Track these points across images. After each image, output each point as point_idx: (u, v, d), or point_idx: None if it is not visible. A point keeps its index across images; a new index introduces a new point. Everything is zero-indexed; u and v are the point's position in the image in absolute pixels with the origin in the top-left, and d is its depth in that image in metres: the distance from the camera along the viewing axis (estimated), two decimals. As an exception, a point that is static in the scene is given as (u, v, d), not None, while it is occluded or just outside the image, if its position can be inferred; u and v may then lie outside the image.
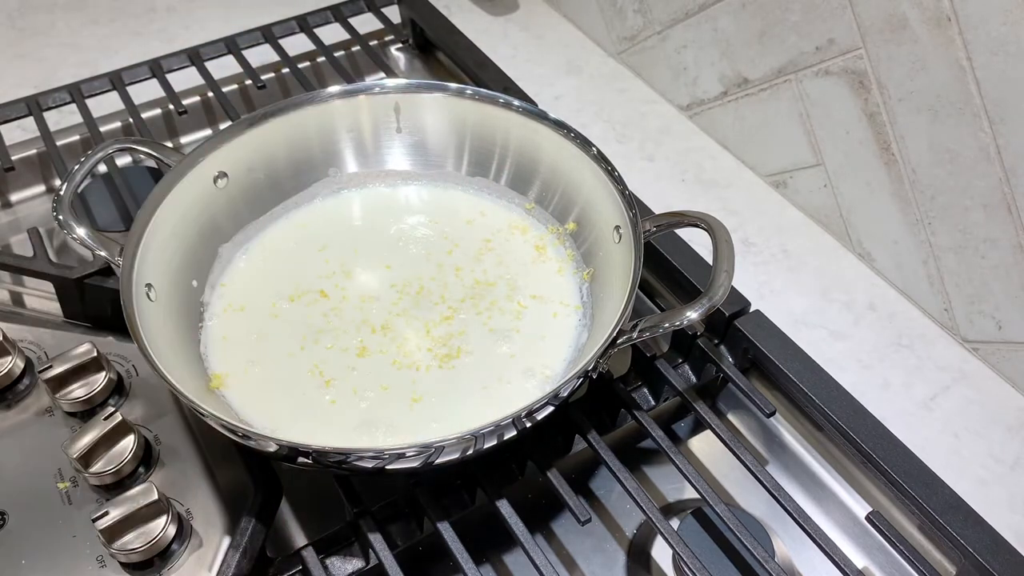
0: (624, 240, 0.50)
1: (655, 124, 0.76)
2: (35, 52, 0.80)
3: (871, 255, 0.64)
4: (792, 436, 0.55)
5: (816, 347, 0.55)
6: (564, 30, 0.86)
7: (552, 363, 0.50)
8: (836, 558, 0.45)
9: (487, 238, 0.57)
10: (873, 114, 0.59)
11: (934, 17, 0.52)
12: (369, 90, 0.57)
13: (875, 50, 0.57)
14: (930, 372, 0.58)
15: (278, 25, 0.77)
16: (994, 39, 0.50)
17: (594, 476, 0.53)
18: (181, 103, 0.70)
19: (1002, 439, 0.55)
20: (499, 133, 0.57)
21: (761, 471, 0.47)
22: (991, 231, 0.54)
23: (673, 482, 0.53)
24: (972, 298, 0.58)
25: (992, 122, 0.52)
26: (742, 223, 0.67)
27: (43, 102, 0.69)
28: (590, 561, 0.50)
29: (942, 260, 0.59)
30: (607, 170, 0.52)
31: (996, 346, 0.57)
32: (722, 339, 0.56)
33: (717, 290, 0.45)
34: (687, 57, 0.73)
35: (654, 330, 0.46)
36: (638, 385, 0.55)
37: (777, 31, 0.64)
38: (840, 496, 0.52)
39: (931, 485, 0.47)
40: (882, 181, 0.60)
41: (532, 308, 0.53)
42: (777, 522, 0.50)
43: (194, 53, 0.74)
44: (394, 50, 0.84)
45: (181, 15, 0.84)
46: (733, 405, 0.57)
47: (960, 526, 0.46)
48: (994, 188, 0.53)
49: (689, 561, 0.44)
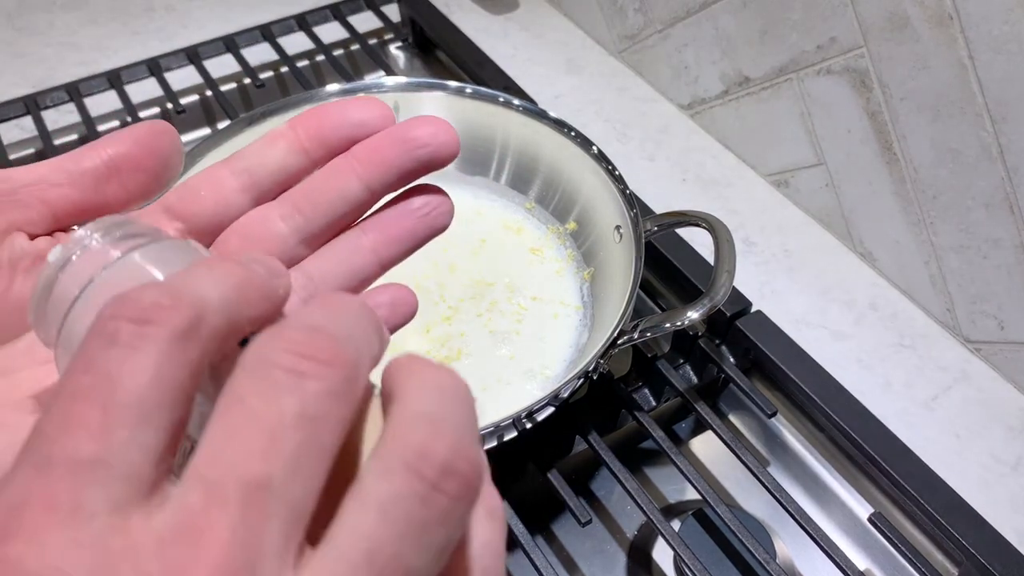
0: (625, 240, 0.50)
1: (656, 123, 0.76)
2: (33, 51, 0.79)
3: (873, 255, 0.64)
4: (793, 437, 0.55)
5: (817, 347, 0.55)
6: (564, 29, 0.85)
7: (552, 364, 0.50)
8: (838, 559, 0.44)
9: (482, 238, 0.57)
10: (875, 113, 0.59)
11: (936, 16, 0.52)
12: (368, 89, 0.57)
13: (877, 49, 0.57)
14: (932, 372, 0.58)
15: (277, 24, 0.77)
16: (996, 38, 0.49)
17: (595, 477, 0.53)
18: (179, 102, 0.70)
19: (1004, 439, 0.55)
20: (499, 132, 0.57)
21: (762, 472, 0.47)
22: (993, 231, 0.54)
23: (674, 483, 0.53)
24: (974, 298, 0.57)
25: (994, 121, 0.51)
26: (743, 223, 0.67)
27: (41, 101, 0.69)
28: (590, 562, 0.49)
29: (944, 260, 0.58)
30: (607, 169, 0.52)
31: (998, 346, 0.57)
32: (723, 339, 0.55)
33: (718, 290, 0.45)
34: (688, 56, 0.73)
35: (655, 330, 0.46)
36: (639, 385, 0.55)
37: (778, 30, 0.64)
38: (841, 497, 0.52)
39: (932, 486, 0.47)
40: (884, 181, 0.60)
41: (532, 309, 0.53)
42: (778, 523, 0.50)
43: (192, 52, 0.73)
44: (393, 49, 0.83)
45: (180, 14, 0.84)
46: (734, 406, 0.57)
47: (962, 527, 0.46)
48: (996, 188, 0.53)
49: (690, 562, 0.44)
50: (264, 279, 0.20)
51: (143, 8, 0.84)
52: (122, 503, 0.15)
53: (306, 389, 0.16)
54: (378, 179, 0.25)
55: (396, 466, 0.16)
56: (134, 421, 0.16)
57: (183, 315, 0.17)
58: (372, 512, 0.16)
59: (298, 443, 0.16)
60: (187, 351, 0.17)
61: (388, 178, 0.25)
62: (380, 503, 0.16)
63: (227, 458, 0.15)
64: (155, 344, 0.16)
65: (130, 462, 0.15)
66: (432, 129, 0.25)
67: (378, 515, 0.16)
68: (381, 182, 0.25)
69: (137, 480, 0.15)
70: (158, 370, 0.16)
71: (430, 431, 0.17)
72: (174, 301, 0.17)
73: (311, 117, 0.26)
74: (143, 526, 0.15)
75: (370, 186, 0.25)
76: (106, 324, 0.16)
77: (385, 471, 0.16)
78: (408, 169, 0.25)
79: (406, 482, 0.16)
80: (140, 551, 0.14)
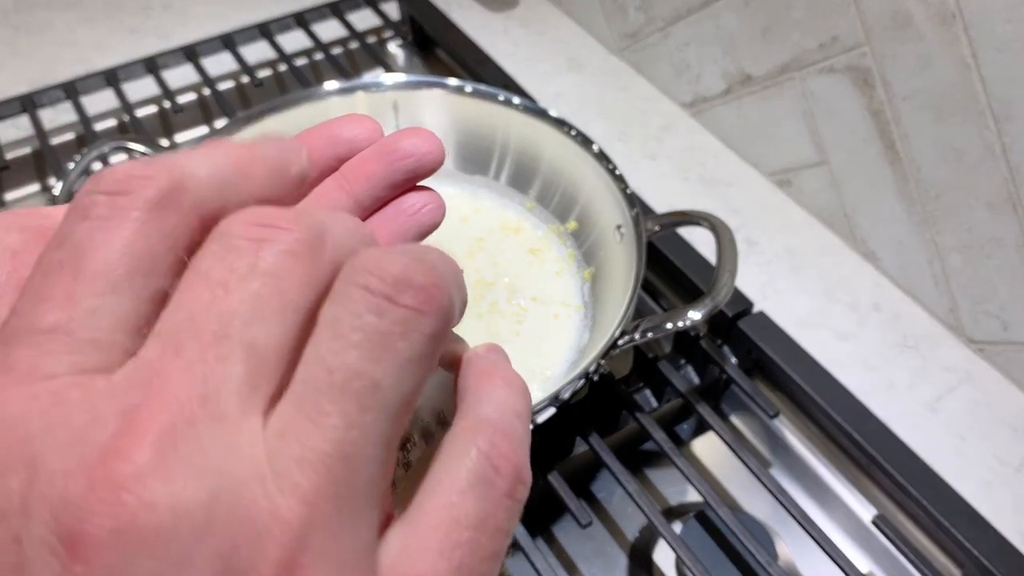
0: (626, 240, 0.49)
1: (657, 122, 0.75)
2: (30, 50, 0.79)
3: (876, 255, 0.63)
4: (796, 438, 0.54)
5: (820, 348, 0.55)
6: (565, 27, 0.85)
7: (553, 365, 0.49)
8: (840, 562, 0.44)
9: (480, 237, 0.57)
10: (877, 112, 0.58)
11: (939, 14, 0.52)
12: (367, 87, 0.57)
13: (879, 47, 0.56)
14: (935, 373, 0.58)
15: (275, 22, 0.76)
16: (999, 36, 0.49)
17: (595, 479, 0.53)
18: (177, 101, 0.70)
19: (1008, 441, 0.54)
20: (499, 131, 0.57)
21: (764, 473, 0.47)
22: (996, 230, 0.54)
23: (675, 485, 0.52)
24: (977, 298, 0.57)
25: (997, 120, 0.51)
26: (745, 222, 0.67)
27: (38, 100, 0.69)
28: (591, 564, 0.49)
29: (947, 260, 0.58)
30: (608, 168, 0.52)
31: (1002, 346, 0.57)
32: (725, 340, 0.55)
33: (720, 290, 0.45)
34: (690, 54, 0.73)
35: (656, 331, 0.45)
36: (640, 386, 0.54)
37: (780, 28, 0.63)
38: (844, 499, 0.52)
39: (936, 488, 0.47)
40: (887, 180, 0.60)
41: (533, 311, 0.52)
42: (780, 525, 0.50)
43: (190, 50, 0.73)
44: (393, 47, 0.83)
45: (177, 12, 0.83)
46: (736, 407, 0.57)
47: (965, 529, 0.45)
48: (999, 187, 0.53)
49: (691, 564, 0.43)
50: (271, 155, 0.19)
51: (140, 6, 0.84)
52: (87, 367, 0.15)
53: (262, 250, 0.16)
54: (366, 193, 0.25)
55: (348, 289, 0.16)
56: (101, 290, 0.16)
57: (158, 184, 0.16)
58: (326, 335, 0.16)
59: (255, 291, 0.16)
60: (163, 220, 0.16)
61: (376, 191, 0.26)
62: (334, 324, 0.16)
63: (182, 313, 0.15)
64: (127, 213, 0.16)
65: (96, 328, 0.15)
66: (415, 140, 0.25)
67: (333, 336, 0.16)
68: (370, 196, 0.26)
69: (105, 346, 0.15)
70: (130, 239, 0.16)
71: (383, 257, 0.16)
72: (151, 172, 0.16)
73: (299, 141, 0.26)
74: (103, 381, 0.15)
75: (360, 202, 0.26)
76: (81, 199, 0.16)
77: (338, 298, 0.16)
78: (394, 181, 0.26)
79: (359, 299, 0.16)
80: (95, 398, 0.15)
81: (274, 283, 0.16)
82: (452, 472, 0.17)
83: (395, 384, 0.16)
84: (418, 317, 0.16)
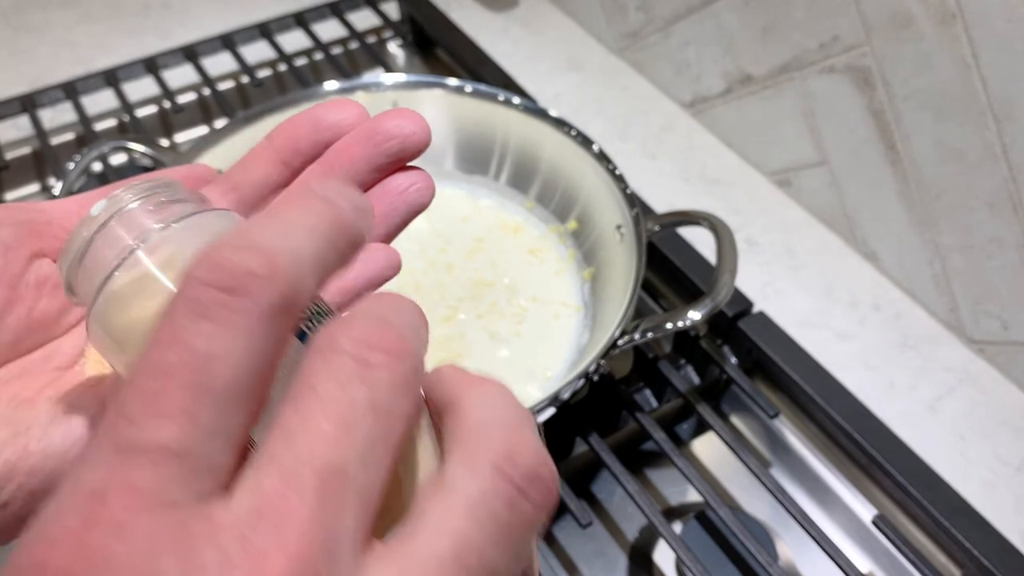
0: (626, 239, 0.49)
1: (657, 122, 0.75)
2: (29, 50, 0.79)
3: (876, 255, 0.63)
4: (796, 438, 0.54)
5: (820, 348, 0.55)
6: (565, 26, 0.85)
7: (553, 365, 0.49)
8: (840, 562, 0.44)
9: (479, 236, 0.57)
10: (878, 112, 0.58)
11: (939, 14, 0.52)
12: (367, 87, 0.57)
13: (880, 47, 0.56)
14: (936, 373, 0.58)
15: (275, 22, 0.76)
16: (1000, 36, 0.49)
17: (595, 479, 0.53)
18: (176, 101, 0.70)
19: (1008, 441, 0.54)
20: (499, 131, 0.57)
21: (764, 474, 0.47)
22: (997, 230, 0.54)
23: (675, 485, 0.52)
24: (978, 298, 0.57)
25: (998, 120, 0.51)
26: (745, 222, 0.67)
27: (37, 100, 0.69)
28: (591, 565, 0.49)
29: (948, 260, 0.58)
30: (608, 168, 0.52)
31: (1002, 347, 0.57)
32: (725, 340, 0.55)
33: (720, 290, 0.45)
34: (690, 54, 0.73)
35: (656, 331, 0.45)
36: (640, 386, 0.54)
37: (781, 28, 0.63)
38: (844, 499, 0.52)
39: (936, 488, 0.47)
40: (887, 180, 0.60)
41: (533, 311, 0.52)
42: (781, 525, 0.50)
43: (190, 50, 0.73)
44: (392, 47, 0.83)
45: (177, 12, 0.83)
46: (736, 407, 0.57)
47: (966, 529, 0.45)
48: (1000, 187, 0.53)
49: (692, 565, 0.43)
50: (352, 221, 0.18)
51: (140, 6, 0.84)
52: (204, 492, 0.15)
53: (376, 379, 0.16)
54: (351, 177, 0.25)
55: (484, 467, 0.16)
56: (222, 407, 0.15)
57: (279, 290, 0.15)
58: (460, 509, 0.16)
59: (369, 431, 0.15)
60: (282, 328, 0.16)
61: (361, 175, 0.25)
62: (469, 501, 0.16)
63: (302, 443, 0.15)
64: (248, 320, 0.15)
65: (214, 450, 0.15)
66: (399, 121, 0.25)
67: (466, 513, 0.16)
68: (355, 180, 0.25)
69: (220, 467, 0.15)
70: (250, 350, 0.15)
71: (515, 437, 0.17)
72: (270, 270, 0.15)
73: (285, 128, 0.26)
74: (223, 511, 0.15)
75: None
76: (194, 289, 0.15)
77: (473, 471, 0.16)
78: (379, 163, 0.25)
79: (495, 484, 0.16)
80: (221, 535, 0.14)
81: (385, 422, 0.16)
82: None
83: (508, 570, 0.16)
84: (540, 513, 0.17)
